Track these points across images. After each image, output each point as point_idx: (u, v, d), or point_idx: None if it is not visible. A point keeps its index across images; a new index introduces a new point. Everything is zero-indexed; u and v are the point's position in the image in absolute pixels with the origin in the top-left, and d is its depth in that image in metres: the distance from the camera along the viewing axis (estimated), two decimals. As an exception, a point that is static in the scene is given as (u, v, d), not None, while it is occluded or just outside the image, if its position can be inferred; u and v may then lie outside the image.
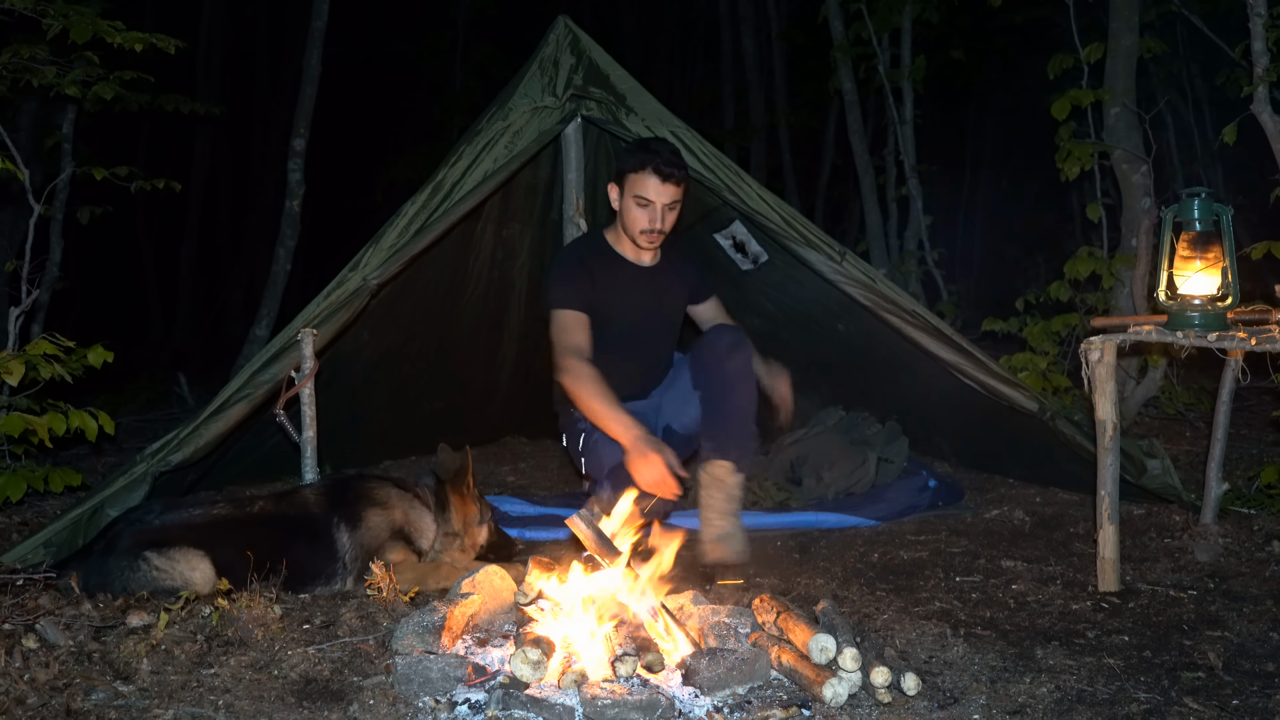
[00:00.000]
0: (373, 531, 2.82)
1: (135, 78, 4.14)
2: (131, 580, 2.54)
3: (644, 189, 3.08)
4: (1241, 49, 4.25)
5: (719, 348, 3.04)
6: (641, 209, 3.10)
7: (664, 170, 3.05)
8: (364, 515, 2.82)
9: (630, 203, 3.12)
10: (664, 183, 3.06)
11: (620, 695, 1.96)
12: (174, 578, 2.55)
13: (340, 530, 2.78)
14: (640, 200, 3.09)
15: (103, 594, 2.53)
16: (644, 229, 3.12)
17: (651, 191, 3.07)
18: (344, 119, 12.35)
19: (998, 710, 2.04)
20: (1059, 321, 4.94)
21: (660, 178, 3.06)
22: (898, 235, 7.54)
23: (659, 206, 3.09)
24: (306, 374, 3.10)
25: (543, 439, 4.96)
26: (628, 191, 3.12)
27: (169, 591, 2.52)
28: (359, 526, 2.80)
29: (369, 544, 2.80)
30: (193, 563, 2.57)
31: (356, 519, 2.80)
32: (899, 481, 3.92)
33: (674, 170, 3.06)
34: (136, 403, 6.58)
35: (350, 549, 2.77)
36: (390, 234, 3.18)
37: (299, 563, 2.68)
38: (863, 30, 7.00)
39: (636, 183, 3.09)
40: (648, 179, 3.07)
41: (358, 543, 2.79)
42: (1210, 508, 3.23)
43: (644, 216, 3.11)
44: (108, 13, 3.71)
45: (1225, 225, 2.74)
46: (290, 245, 6.54)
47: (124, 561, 2.55)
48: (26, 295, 3.91)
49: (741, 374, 3.01)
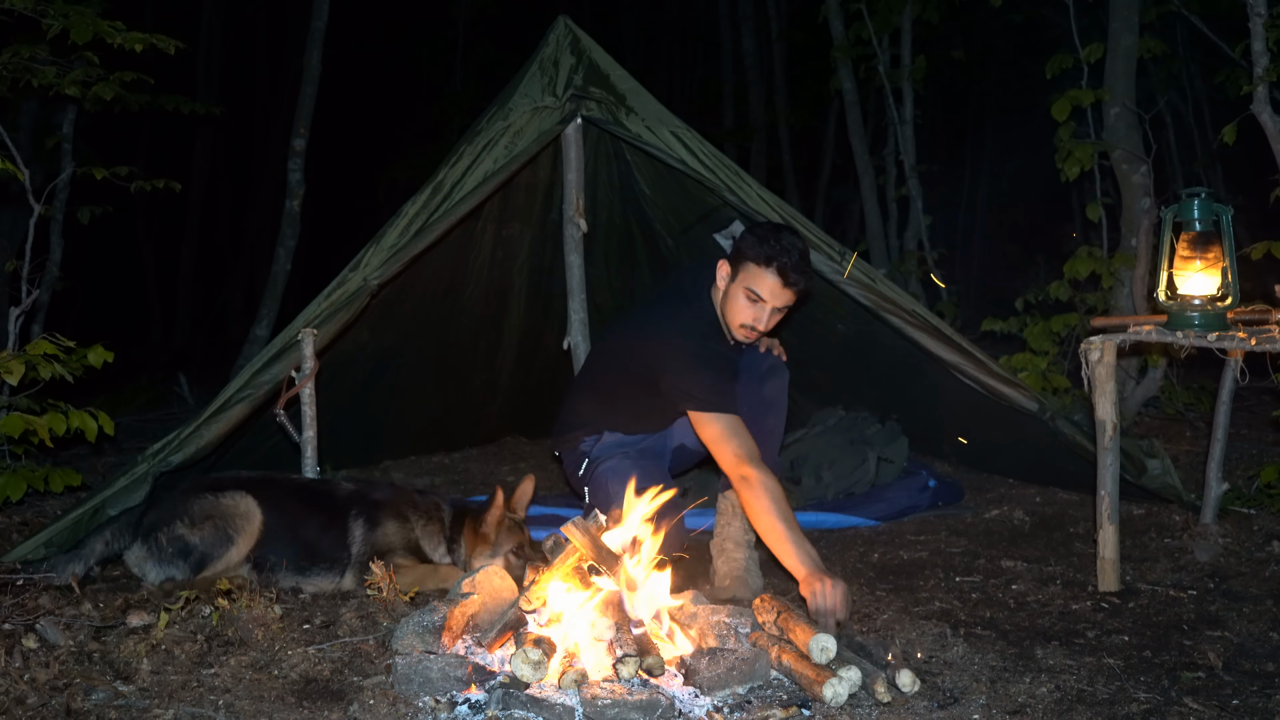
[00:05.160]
0: (388, 538, 2.89)
1: (135, 78, 4.14)
2: (192, 507, 2.76)
3: (760, 285, 2.80)
4: (1241, 49, 4.25)
5: (759, 369, 2.98)
6: (750, 303, 2.84)
7: (790, 276, 2.78)
8: (383, 521, 2.90)
9: (739, 292, 2.85)
10: (785, 287, 2.80)
11: (620, 695, 1.96)
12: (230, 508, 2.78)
13: (357, 524, 2.88)
14: (751, 295, 2.82)
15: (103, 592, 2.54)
16: (745, 323, 2.86)
17: (767, 291, 2.80)
18: (344, 119, 12.35)
19: (998, 710, 2.04)
20: (1059, 321, 4.94)
21: (782, 281, 2.78)
22: (898, 235, 7.54)
23: (769, 308, 2.83)
24: (307, 374, 3.10)
25: (543, 439, 4.95)
26: (741, 280, 2.84)
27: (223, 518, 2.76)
28: (375, 529, 2.88)
29: (380, 546, 2.85)
30: (244, 502, 2.80)
31: (376, 521, 2.89)
32: (899, 481, 3.92)
33: (800, 279, 2.80)
34: (136, 403, 6.58)
35: (361, 544, 2.85)
36: (391, 234, 3.18)
37: (311, 541, 2.82)
38: (863, 30, 7.00)
39: (754, 276, 2.81)
40: (768, 277, 2.79)
41: (370, 542, 2.86)
42: (1210, 508, 3.23)
43: (749, 312, 2.85)
44: (108, 13, 3.71)
45: (1225, 225, 2.74)
46: (290, 245, 6.54)
47: (184, 497, 2.81)
48: (26, 295, 3.91)
49: (777, 399, 2.97)
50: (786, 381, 3.02)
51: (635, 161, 4.00)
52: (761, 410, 2.94)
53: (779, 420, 3.01)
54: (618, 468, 3.03)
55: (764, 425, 2.93)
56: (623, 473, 2.98)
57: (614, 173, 4.11)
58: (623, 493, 2.80)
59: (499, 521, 2.91)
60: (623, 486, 2.92)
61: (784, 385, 3.00)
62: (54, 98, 4.23)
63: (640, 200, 4.18)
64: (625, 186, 4.16)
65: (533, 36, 3.70)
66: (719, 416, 2.78)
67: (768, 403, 2.96)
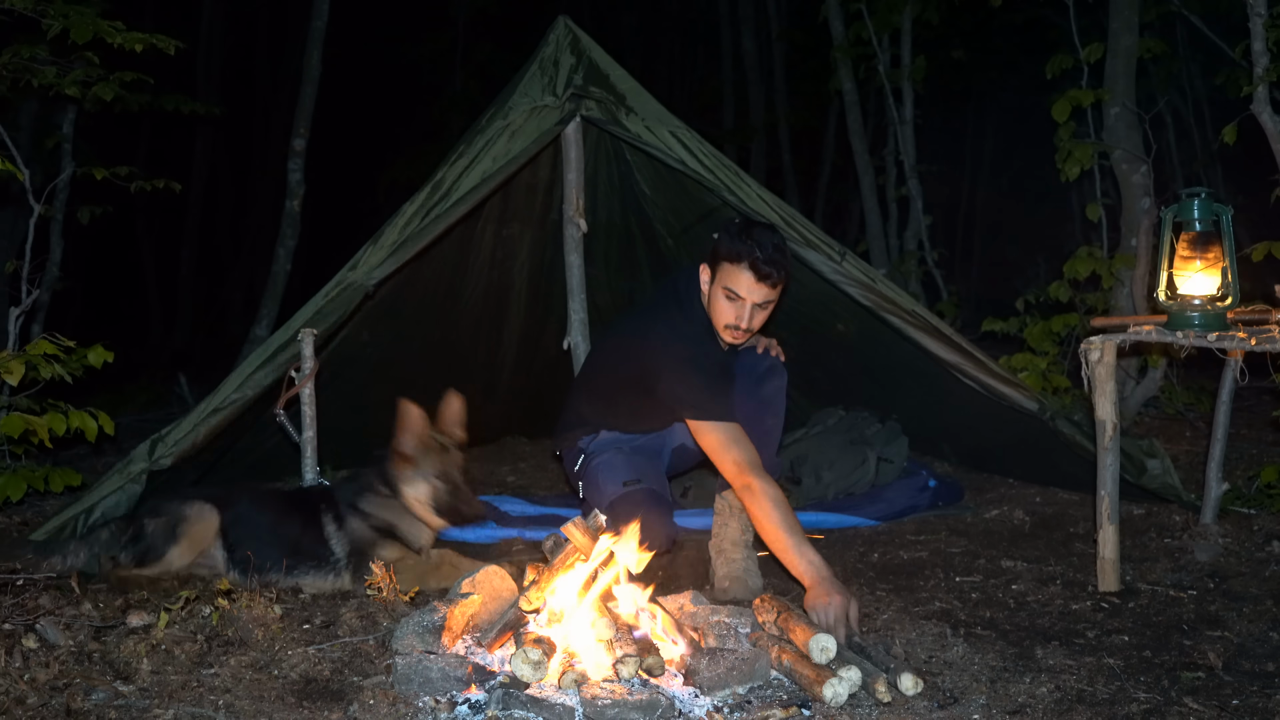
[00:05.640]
0: (357, 531, 2.90)
1: (135, 78, 4.14)
2: (160, 506, 2.84)
3: (735, 283, 2.80)
4: (1241, 49, 4.24)
5: (757, 370, 2.97)
6: (729, 302, 2.84)
7: (761, 269, 2.77)
8: (349, 517, 2.92)
9: (720, 293, 2.85)
10: (759, 281, 2.79)
11: (620, 695, 1.96)
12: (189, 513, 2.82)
13: (330, 523, 2.90)
14: (730, 294, 2.82)
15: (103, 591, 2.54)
16: (729, 324, 2.86)
17: (743, 288, 2.80)
18: (344, 119, 12.34)
19: (998, 710, 2.04)
20: (1059, 321, 4.93)
21: (755, 275, 2.78)
22: (898, 235, 7.54)
23: (749, 305, 2.82)
24: (306, 374, 3.10)
25: (543, 439, 4.95)
26: (719, 280, 2.85)
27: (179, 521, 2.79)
28: (344, 525, 2.90)
29: (358, 539, 2.89)
30: (203, 510, 2.83)
31: (341, 519, 2.91)
32: (899, 481, 3.92)
33: (772, 271, 2.78)
34: (136, 403, 6.58)
35: (340, 541, 2.88)
36: (390, 234, 3.18)
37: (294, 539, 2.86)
38: (863, 30, 7.00)
39: (729, 274, 2.81)
40: (741, 273, 2.78)
41: (348, 537, 2.88)
42: (1210, 508, 3.23)
43: (731, 311, 2.84)
44: (108, 13, 3.71)
45: (1225, 225, 2.74)
46: (290, 245, 6.54)
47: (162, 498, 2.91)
48: (27, 295, 3.91)
49: (775, 399, 2.96)
50: (784, 381, 3.01)
51: (635, 161, 4.00)
52: (760, 411, 2.93)
53: (777, 420, 3.00)
54: (609, 462, 3.04)
55: (763, 425, 2.92)
56: (614, 467, 3.00)
57: (614, 173, 4.11)
58: (618, 488, 2.80)
59: (422, 440, 2.89)
60: (612, 480, 2.93)
61: (782, 385, 3.00)
62: (54, 98, 4.23)
63: (640, 200, 4.18)
64: (625, 186, 4.16)
65: (533, 36, 3.69)
66: (718, 425, 2.75)
67: (766, 403, 2.96)
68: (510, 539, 3.49)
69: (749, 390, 2.94)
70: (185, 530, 2.78)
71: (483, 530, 3.51)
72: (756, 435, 2.85)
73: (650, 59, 13.66)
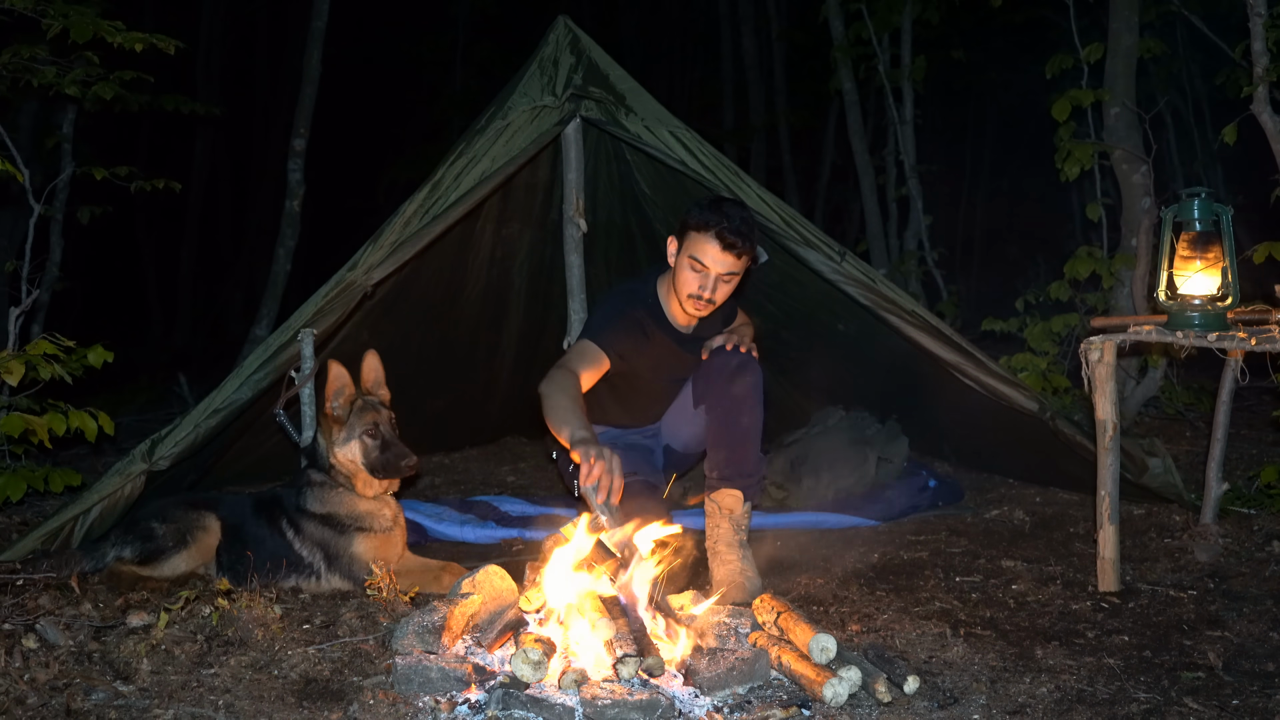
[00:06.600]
0: (316, 533, 2.89)
1: (135, 78, 4.14)
2: (170, 511, 2.86)
3: (701, 252, 2.85)
4: (1241, 49, 4.24)
5: (726, 369, 2.91)
6: (694, 273, 2.89)
7: (727, 238, 2.82)
8: (302, 522, 2.91)
9: (685, 262, 2.90)
10: (724, 251, 2.84)
11: (620, 695, 1.96)
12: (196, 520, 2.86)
13: (288, 529, 2.90)
14: (695, 263, 2.87)
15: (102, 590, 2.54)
16: (692, 294, 2.92)
17: (709, 257, 2.85)
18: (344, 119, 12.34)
19: (998, 710, 2.04)
20: (1059, 321, 4.93)
21: (721, 245, 2.83)
22: (898, 235, 7.54)
23: (713, 275, 2.87)
24: (306, 374, 3.10)
25: (542, 439, 4.94)
26: (685, 249, 2.90)
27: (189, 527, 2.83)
28: (301, 531, 2.89)
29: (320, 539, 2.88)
30: (209, 519, 2.87)
31: (298, 525, 2.90)
32: (899, 481, 3.91)
33: (737, 241, 2.83)
34: (136, 403, 6.58)
35: (304, 547, 2.87)
36: (389, 233, 3.18)
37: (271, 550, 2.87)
38: (863, 30, 7.00)
39: (696, 243, 2.86)
40: (708, 243, 2.84)
41: (312, 542, 2.88)
42: (1210, 508, 3.23)
43: (694, 281, 2.90)
44: (108, 13, 3.71)
45: (1225, 225, 2.74)
46: (290, 245, 6.54)
47: (167, 502, 2.93)
48: (26, 295, 3.91)
49: (748, 396, 2.88)
50: (759, 377, 2.93)
51: (635, 161, 4.00)
52: (733, 409, 2.88)
53: (754, 417, 2.91)
54: None
55: (738, 425, 2.88)
56: None
57: (614, 173, 4.11)
58: None
59: (348, 400, 2.88)
60: None
61: (757, 381, 2.91)
62: (54, 98, 4.23)
63: (640, 200, 4.18)
64: (625, 186, 4.16)
65: (533, 36, 3.69)
66: (585, 342, 2.93)
67: (738, 400, 2.88)
68: (510, 539, 3.49)
69: (718, 389, 2.90)
70: (195, 539, 2.80)
71: (483, 530, 3.51)
72: (731, 435, 2.84)
73: (650, 59, 13.65)
